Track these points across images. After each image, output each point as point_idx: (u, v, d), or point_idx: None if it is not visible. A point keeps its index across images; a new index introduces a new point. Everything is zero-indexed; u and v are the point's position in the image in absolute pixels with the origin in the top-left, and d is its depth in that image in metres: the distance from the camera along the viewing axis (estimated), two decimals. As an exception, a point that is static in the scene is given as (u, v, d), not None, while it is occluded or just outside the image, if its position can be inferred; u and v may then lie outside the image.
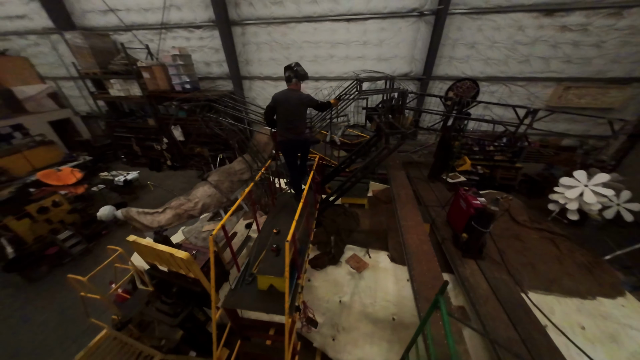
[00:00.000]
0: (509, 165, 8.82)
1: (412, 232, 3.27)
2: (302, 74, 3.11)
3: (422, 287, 2.50)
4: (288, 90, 3.09)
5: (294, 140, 3.16)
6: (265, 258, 2.43)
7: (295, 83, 3.13)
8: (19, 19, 10.26)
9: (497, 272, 3.59)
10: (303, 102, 3.09)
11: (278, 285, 2.30)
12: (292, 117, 3.08)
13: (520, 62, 7.59)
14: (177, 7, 8.73)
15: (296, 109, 3.07)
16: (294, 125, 3.10)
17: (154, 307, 2.91)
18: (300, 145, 3.30)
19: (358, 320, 4.05)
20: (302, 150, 3.41)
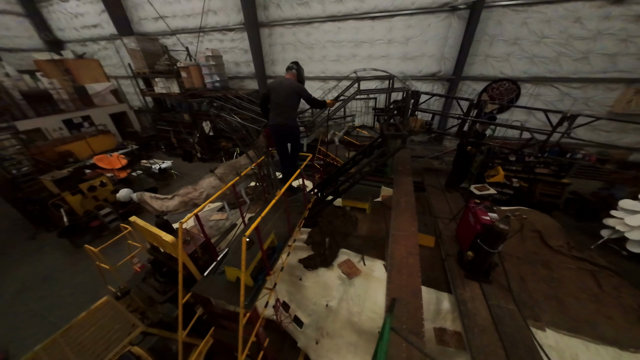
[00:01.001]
0: (554, 180, 7.58)
1: (402, 242, 3.02)
2: (301, 73, 3.18)
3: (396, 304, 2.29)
4: (283, 78, 3.20)
5: (282, 125, 3.18)
6: (237, 250, 2.49)
7: (294, 74, 3.24)
8: (93, 28, 12.25)
9: (504, 300, 3.12)
10: (294, 89, 3.13)
11: (247, 278, 2.34)
12: (283, 102, 3.14)
13: (575, 60, 6.46)
14: (213, 12, 9.48)
15: (287, 95, 3.12)
16: (282, 111, 3.14)
17: (148, 284, 3.21)
18: (288, 133, 3.29)
19: (343, 328, 3.91)
20: (290, 139, 3.39)
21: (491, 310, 2.99)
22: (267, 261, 2.35)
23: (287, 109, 3.14)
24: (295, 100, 3.19)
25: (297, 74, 3.26)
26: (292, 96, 3.15)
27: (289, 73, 3.25)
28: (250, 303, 2.19)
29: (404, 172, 4.78)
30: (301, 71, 3.32)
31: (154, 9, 10.13)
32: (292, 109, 3.19)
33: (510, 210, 5.56)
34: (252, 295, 2.24)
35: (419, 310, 2.17)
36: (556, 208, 7.73)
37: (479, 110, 3.86)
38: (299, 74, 3.29)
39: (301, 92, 3.19)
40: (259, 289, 2.32)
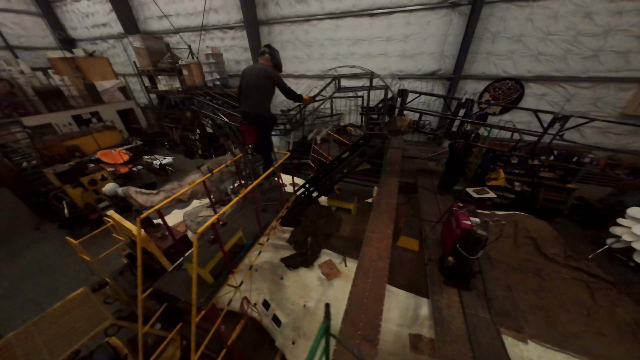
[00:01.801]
0: (559, 184, 7.22)
1: (374, 244, 2.94)
2: (275, 56, 3.06)
3: (354, 308, 2.22)
4: (256, 63, 3.12)
5: (248, 113, 3.07)
6: (201, 247, 2.48)
7: (267, 59, 3.10)
8: (103, 27, 12.65)
9: (482, 309, 2.98)
10: (265, 75, 2.98)
11: (204, 275, 2.33)
12: (252, 88, 3.02)
13: (584, 59, 6.10)
14: (215, 10, 9.57)
15: (257, 81, 2.99)
16: (251, 96, 3.02)
17: (124, 277, 3.27)
18: (256, 119, 3.16)
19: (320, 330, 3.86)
20: (259, 126, 3.24)
21: (466, 319, 2.86)
22: (228, 259, 2.33)
23: (256, 95, 3.00)
24: (265, 87, 3.02)
25: (270, 57, 3.06)
26: (262, 82, 2.99)
27: (262, 58, 3.07)
28: (206, 300, 2.17)
29: (392, 172, 4.66)
30: (275, 54, 3.09)
31: (158, 8, 10.33)
32: (261, 95, 3.03)
33: (505, 215, 5.33)
34: (210, 293, 2.22)
35: (378, 317, 2.09)
36: (560, 214, 7.37)
37: (467, 110, 3.69)
38: (273, 57, 3.08)
39: (274, 77, 3.00)
40: (219, 287, 2.31)
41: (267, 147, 3.25)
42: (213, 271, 2.39)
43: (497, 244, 4.82)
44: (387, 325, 3.52)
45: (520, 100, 7.08)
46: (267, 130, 3.19)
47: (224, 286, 2.39)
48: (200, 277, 2.36)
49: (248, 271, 3.02)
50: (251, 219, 3.40)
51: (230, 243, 2.54)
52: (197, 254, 2.23)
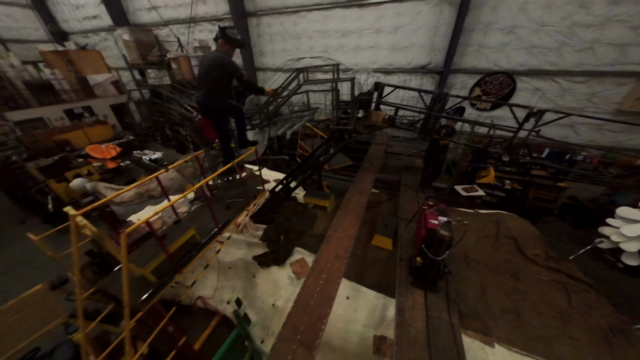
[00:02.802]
0: (551, 183, 7.02)
1: (334, 244, 2.84)
2: (229, 36, 2.82)
3: (299, 310, 2.14)
4: (213, 50, 2.96)
5: (199, 103, 2.97)
6: (148, 246, 2.40)
7: (222, 44, 2.90)
8: (94, 19, 12.47)
9: (446, 312, 2.88)
10: (218, 62, 2.81)
11: (146, 274, 2.26)
12: (204, 77, 2.88)
13: (579, 51, 5.82)
14: (202, 2, 9.34)
15: (207, 70, 2.85)
16: (202, 87, 2.90)
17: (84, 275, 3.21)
18: (208, 111, 3.06)
19: (288, 328, 3.82)
20: (211, 118, 3.13)
21: (428, 322, 2.77)
22: (173, 258, 2.25)
23: (207, 85, 2.87)
24: (217, 75, 2.86)
25: (224, 42, 2.82)
26: (213, 72, 2.84)
27: (217, 44, 2.86)
28: (146, 300, 2.10)
29: (369, 169, 4.52)
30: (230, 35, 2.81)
31: (147, 0, 10.12)
32: (212, 84, 2.88)
33: (488, 214, 5.19)
34: (151, 293, 2.15)
35: (322, 320, 2.00)
36: (550, 213, 7.18)
37: (442, 105, 3.52)
38: (228, 40, 2.83)
39: (229, 67, 2.82)
40: (162, 287, 2.23)
41: (223, 141, 3.12)
42: (157, 270, 2.31)
43: (477, 244, 4.70)
44: (353, 326, 3.47)
45: (512, 95, 6.83)
46: (221, 122, 3.05)
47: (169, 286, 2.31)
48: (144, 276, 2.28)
49: (202, 270, 2.94)
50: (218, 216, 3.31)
51: (180, 241, 2.45)
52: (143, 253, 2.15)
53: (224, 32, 2.82)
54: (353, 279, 3.85)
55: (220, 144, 3.18)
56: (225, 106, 3.01)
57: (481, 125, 3.59)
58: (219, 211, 3.36)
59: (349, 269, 4.00)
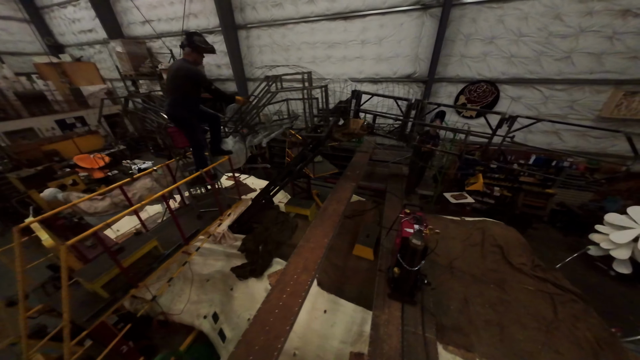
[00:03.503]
0: (539, 190, 6.99)
1: (304, 255, 2.72)
2: (196, 44, 2.78)
3: (256, 327, 2.00)
4: (178, 59, 2.90)
5: (167, 111, 2.95)
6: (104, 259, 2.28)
7: (189, 52, 2.85)
8: (89, 32, 12.73)
9: (425, 326, 2.73)
10: (182, 72, 2.77)
11: (98, 290, 2.12)
12: (169, 86, 2.85)
13: (558, 60, 5.95)
14: (194, 15, 9.58)
15: (172, 78, 2.81)
16: (168, 95, 2.88)
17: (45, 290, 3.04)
18: (174, 120, 3.04)
19: (263, 345, 3.62)
20: (178, 124, 3.10)
21: (404, 337, 2.62)
22: (127, 272, 2.12)
23: (171, 94, 2.85)
24: (180, 84, 2.82)
25: (191, 50, 2.77)
26: (177, 80, 2.81)
27: (184, 52, 2.83)
28: (94, 317, 1.96)
29: (350, 177, 4.46)
30: (196, 42, 2.75)
31: (140, 14, 10.37)
32: (176, 94, 2.86)
33: (474, 221, 5.10)
34: (97, 311, 2.01)
35: (279, 339, 1.87)
36: (540, 220, 7.11)
37: (417, 112, 3.51)
38: (195, 48, 2.77)
39: (192, 77, 2.77)
40: (112, 303, 2.09)
41: (194, 149, 3.06)
42: (111, 285, 2.18)
43: (463, 253, 4.58)
44: (329, 342, 3.29)
45: (496, 102, 6.92)
46: (191, 130, 3.00)
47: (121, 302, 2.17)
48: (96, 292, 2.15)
49: (166, 284, 2.79)
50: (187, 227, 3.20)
51: (138, 254, 2.33)
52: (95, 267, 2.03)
53: (191, 39, 2.81)
54: (332, 292, 3.70)
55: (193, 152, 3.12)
56: (192, 115, 2.97)
57: (457, 132, 3.56)
58: (190, 221, 3.25)
59: (328, 280, 3.87)
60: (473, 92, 6.98)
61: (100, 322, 1.99)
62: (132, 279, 2.18)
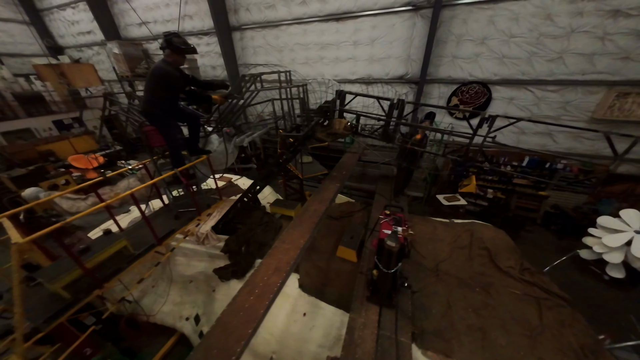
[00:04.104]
0: (532, 192, 6.90)
1: (277, 256, 2.66)
2: (175, 45, 2.81)
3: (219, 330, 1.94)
4: (158, 60, 2.96)
5: (141, 110, 3.09)
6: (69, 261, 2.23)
7: (169, 54, 2.88)
8: (87, 34, 12.86)
9: (400, 330, 2.66)
10: (155, 73, 2.84)
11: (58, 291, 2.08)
12: (145, 87, 2.96)
13: (549, 61, 5.89)
14: (189, 17, 9.64)
15: (148, 79, 2.89)
16: (144, 94, 2.99)
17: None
18: (147, 118, 3.14)
19: (242, 349, 3.54)
20: (153, 123, 3.22)
21: (378, 342, 2.54)
22: (90, 272, 2.07)
23: (145, 93, 2.95)
24: (152, 85, 2.90)
25: (170, 52, 2.81)
26: (150, 80, 2.88)
27: (165, 54, 2.90)
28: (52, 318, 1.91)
29: (336, 178, 4.40)
30: (175, 44, 2.78)
31: (137, 16, 10.46)
32: (149, 94, 2.94)
33: (462, 223, 5.02)
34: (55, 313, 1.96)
35: (239, 342, 1.81)
36: (533, 223, 7.00)
37: (400, 111, 3.47)
38: (175, 49, 2.81)
39: (164, 78, 2.81)
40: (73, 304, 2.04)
41: (170, 148, 3.04)
42: (75, 286, 2.14)
43: (450, 255, 4.50)
44: (307, 346, 3.22)
45: (488, 104, 6.86)
46: (166, 130, 2.99)
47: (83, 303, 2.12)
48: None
49: (136, 285, 2.74)
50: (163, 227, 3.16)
51: (105, 254, 2.28)
52: (57, 267, 1.99)
53: (170, 41, 2.81)
54: (313, 294, 3.63)
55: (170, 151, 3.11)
56: (166, 113, 2.97)
57: (438, 132, 3.51)
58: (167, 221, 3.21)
59: (310, 282, 3.80)
60: (465, 93, 6.93)
61: (59, 324, 1.95)
62: (96, 280, 2.13)
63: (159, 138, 3.12)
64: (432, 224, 5.05)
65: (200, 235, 4.19)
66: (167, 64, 2.96)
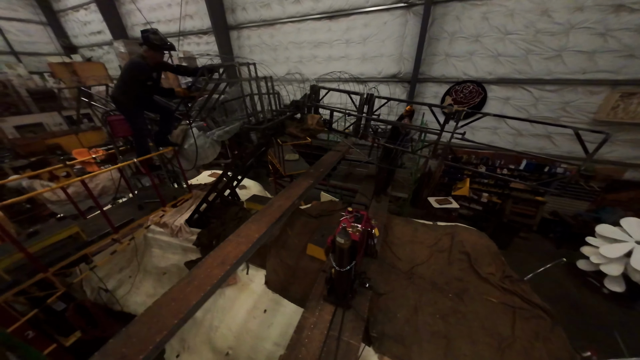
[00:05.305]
0: (529, 197, 6.55)
1: (227, 249, 2.60)
2: (151, 42, 2.93)
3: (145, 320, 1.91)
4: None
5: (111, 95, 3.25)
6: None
7: (146, 50, 3.01)
8: (98, 34, 13.43)
9: (350, 332, 2.54)
10: (126, 65, 3.02)
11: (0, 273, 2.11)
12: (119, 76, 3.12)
13: (547, 59, 5.60)
14: (190, 17, 9.87)
15: (122, 70, 3.06)
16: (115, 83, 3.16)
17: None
18: (115, 103, 3.30)
19: (202, 343, 3.52)
20: (121, 111, 3.38)
21: (326, 343, 2.44)
22: (30, 255, 2.10)
23: (117, 82, 3.12)
24: (123, 74, 3.08)
25: (147, 48, 2.96)
26: (123, 70, 3.06)
27: (142, 49, 3.06)
28: None
29: (311, 175, 4.33)
30: (152, 43, 2.92)
31: (142, 16, 10.82)
32: (120, 81, 3.12)
33: (445, 226, 4.80)
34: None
35: (161, 333, 1.76)
36: (530, 229, 6.63)
37: (370, 107, 3.35)
38: (151, 46, 2.94)
39: (131, 70, 2.98)
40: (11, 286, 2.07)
41: (135, 137, 3.12)
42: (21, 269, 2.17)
43: (429, 259, 4.31)
44: (263, 343, 3.15)
45: (484, 104, 6.59)
46: (129, 117, 3.08)
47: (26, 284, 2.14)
48: None
49: (88, 272, 2.77)
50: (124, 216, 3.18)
51: (52, 239, 2.31)
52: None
53: (147, 37, 2.90)
54: (278, 291, 3.56)
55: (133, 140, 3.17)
56: (131, 102, 3.08)
57: (409, 128, 3.37)
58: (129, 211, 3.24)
59: (276, 279, 3.74)
60: (459, 92, 6.69)
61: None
62: (38, 264, 2.16)
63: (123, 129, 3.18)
64: (414, 225, 4.86)
65: (174, 228, 4.22)
66: (142, 58, 3.09)
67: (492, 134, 6.80)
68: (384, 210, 4.80)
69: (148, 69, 3.09)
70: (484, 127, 6.82)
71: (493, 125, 6.73)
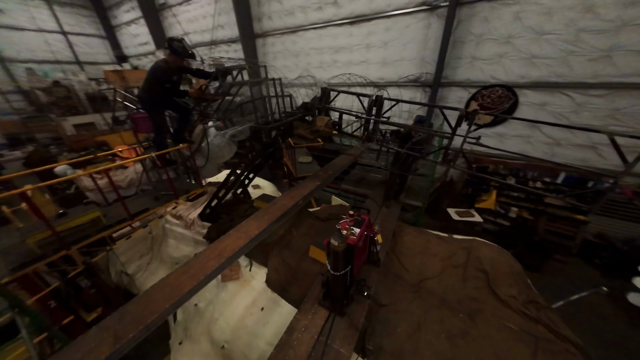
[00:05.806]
0: (568, 214, 5.79)
1: (225, 242, 2.67)
2: (174, 48, 3.31)
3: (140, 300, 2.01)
4: None
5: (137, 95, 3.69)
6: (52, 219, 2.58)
7: (168, 54, 3.38)
8: (145, 45, 15.10)
9: (342, 341, 2.43)
10: (150, 68, 3.41)
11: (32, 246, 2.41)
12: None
13: (592, 60, 4.99)
14: (221, 27, 10.67)
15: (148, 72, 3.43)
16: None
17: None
18: (140, 101, 3.72)
19: (202, 334, 3.62)
20: (144, 108, 3.76)
21: (315, 347, 2.36)
22: (56, 233, 2.37)
23: (143, 83, 3.54)
24: (147, 76, 3.48)
25: (170, 52, 3.34)
26: (148, 72, 3.47)
27: (167, 55, 3.46)
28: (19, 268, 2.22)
29: (318, 177, 4.30)
30: (175, 47, 3.30)
31: (181, 27, 11.97)
32: (145, 82, 3.53)
33: (461, 240, 4.41)
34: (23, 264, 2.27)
35: (153, 315, 1.85)
36: (569, 252, 5.81)
37: (378, 109, 3.26)
38: (173, 51, 3.32)
39: (152, 73, 3.34)
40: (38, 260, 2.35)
41: (155, 133, 3.41)
42: (50, 245, 2.45)
43: (441, 273, 3.99)
44: (257, 341, 3.14)
45: (515, 109, 6.06)
46: (150, 114, 3.40)
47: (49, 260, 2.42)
48: (31, 247, 2.43)
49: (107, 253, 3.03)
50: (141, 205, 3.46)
51: (77, 221, 2.59)
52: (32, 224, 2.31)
53: (171, 44, 3.26)
54: (277, 291, 3.56)
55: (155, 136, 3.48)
56: (153, 101, 3.42)
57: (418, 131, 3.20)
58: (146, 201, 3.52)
59: (277, 278, 3.75)
60: (486, 97, 6.24)
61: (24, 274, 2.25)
62: (62, 242, 2.42)
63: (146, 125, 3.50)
64: (427, 236, 4.56)
65: (188, 221, 4.48)
66: (164, 62, 3.48)
67: (525, 143, 6.20)
68: (394, 217, 4.58)
69: (169, 71, 3.41)
70: (515, 134, 6.26)
71: (526, 134, 6.14)
